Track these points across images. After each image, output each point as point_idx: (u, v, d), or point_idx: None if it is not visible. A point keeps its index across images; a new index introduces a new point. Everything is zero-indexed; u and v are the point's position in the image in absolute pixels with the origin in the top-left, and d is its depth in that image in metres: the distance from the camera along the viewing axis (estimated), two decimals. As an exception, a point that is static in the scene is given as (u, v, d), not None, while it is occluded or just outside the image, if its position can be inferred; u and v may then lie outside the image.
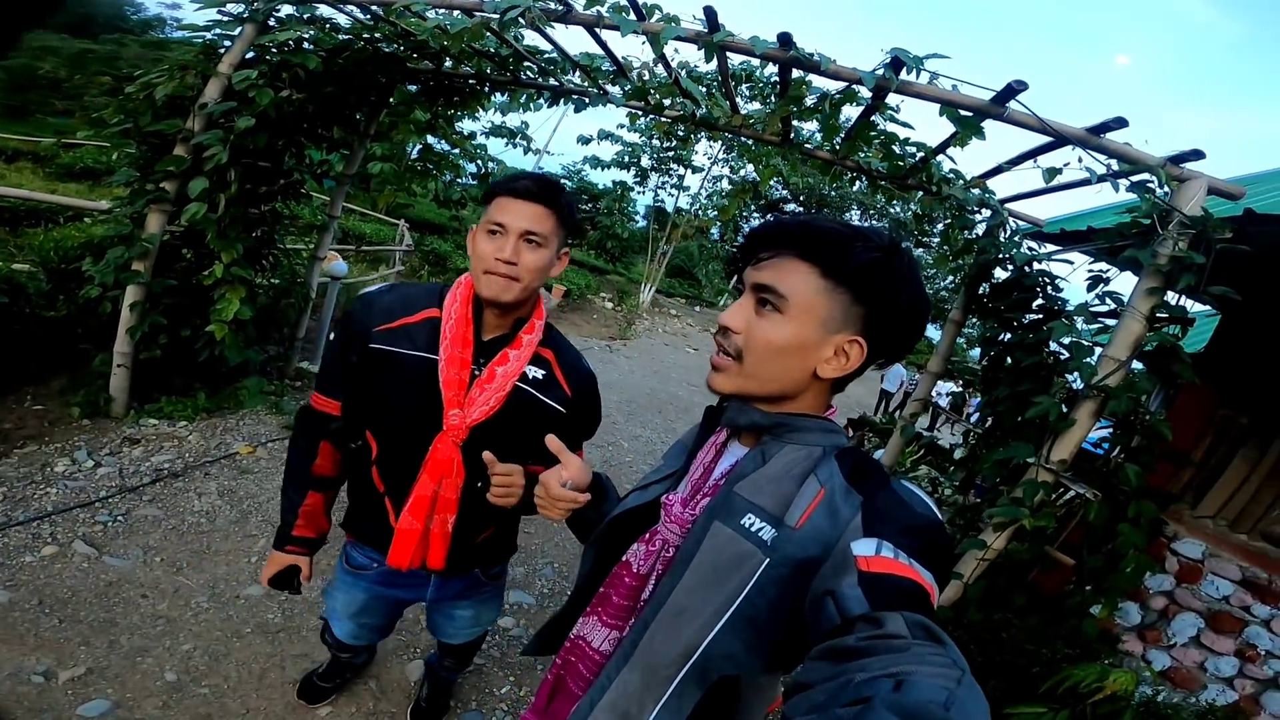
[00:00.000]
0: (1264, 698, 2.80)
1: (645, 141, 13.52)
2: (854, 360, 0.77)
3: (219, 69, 2.94)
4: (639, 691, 0.79)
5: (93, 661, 1.87)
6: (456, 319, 1.18)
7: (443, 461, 1.19)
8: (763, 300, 0.76)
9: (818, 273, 0.74)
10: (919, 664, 0.46)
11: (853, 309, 0.75)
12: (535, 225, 1.12)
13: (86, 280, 3.23)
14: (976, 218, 3.20)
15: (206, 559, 2.45)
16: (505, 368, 1.19)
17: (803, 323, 0.75)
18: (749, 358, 0.77)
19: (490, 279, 1.12)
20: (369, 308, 1.20)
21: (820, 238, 0.74)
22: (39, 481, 2.65)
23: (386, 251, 8.47)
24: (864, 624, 0.55)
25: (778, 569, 0.72)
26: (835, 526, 0.70)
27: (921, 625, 0.52)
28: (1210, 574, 3.09)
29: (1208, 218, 1.92)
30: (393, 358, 1.18)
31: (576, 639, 0.92)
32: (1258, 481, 3.13)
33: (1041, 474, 2.25)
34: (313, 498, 1.33)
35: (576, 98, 3.57)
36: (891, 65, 2.01)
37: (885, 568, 0.61)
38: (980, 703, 0.42)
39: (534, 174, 1.17)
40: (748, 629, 0.73)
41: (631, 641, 0.81)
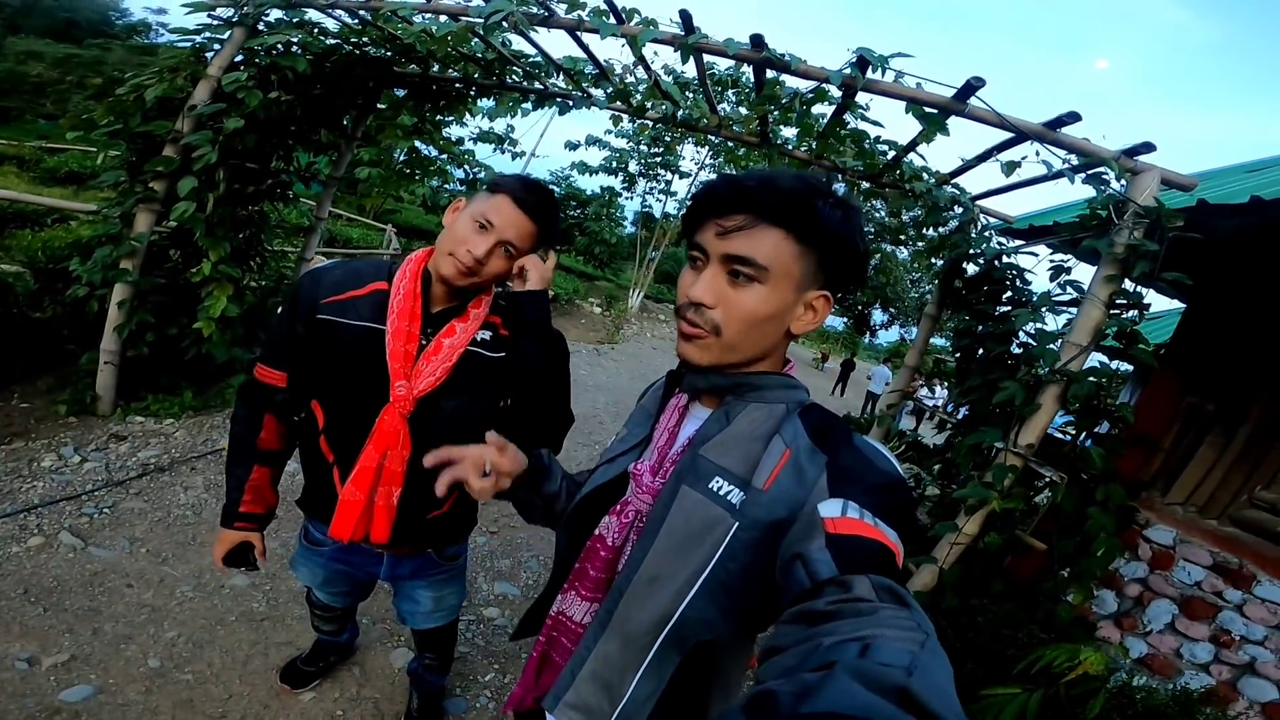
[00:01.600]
0: (1241, 683, 2.82)
1: (632, 147, 13.63)
2: (822, 313, 0.78)
3: (208, 71, 2.99)
4: (618, 660, 0.80)
5: (76, 649, 1.89)
6: (405, 293, 1.19)
7: (388, 433, 1.19)
8: (736, 272, 0.74)
9: (792, 238, 0.73)
10: (884, 628, 0.47)
11: (819, 267, 0.75)
12: (518, 239, 1.15)
13: (74, 280, 3.25)
14: (949, 214, 3.30)
15: (192, 550, 2.48)
16: (452, 340, 1.19)
17: (782, 289, 0.74)
18: (729, 330, 0.75)
19: (452, 262, 1.13)
20: (317, 281, 1.21)
21: (789, 201, 0.72)
22: (25, 476, 2.67)
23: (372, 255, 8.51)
24: (832, 587, 0.56)
25: (748, 532, 0.72)
26: (802, 487, 0.71)
27: (888, 588, 0.54)
28: (1182, 560, 3.12)
29: (1160, 207, 2.01)
30: (338, 328, 1.18)
31: (558, 615, 0.93)
32: (1225, 468, 3.20)
33: (1010, 458, 2.32)
34: (258, 472, 1.32)
35: (561, 100, 3.65)
36: (858, 64, 2.10)
37: (852, 529, 0.62)
38: (944, 665, 0.43)
39: (539, 185, 1.18)
40: (721, 593, 0.74)
41: (607, 611, 0.82)
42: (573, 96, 3.59)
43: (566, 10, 2.50)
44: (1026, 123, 2.15)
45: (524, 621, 1.03)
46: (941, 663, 0.43)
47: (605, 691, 0.81)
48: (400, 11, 2.78)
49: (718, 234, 0.74)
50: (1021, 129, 2.15)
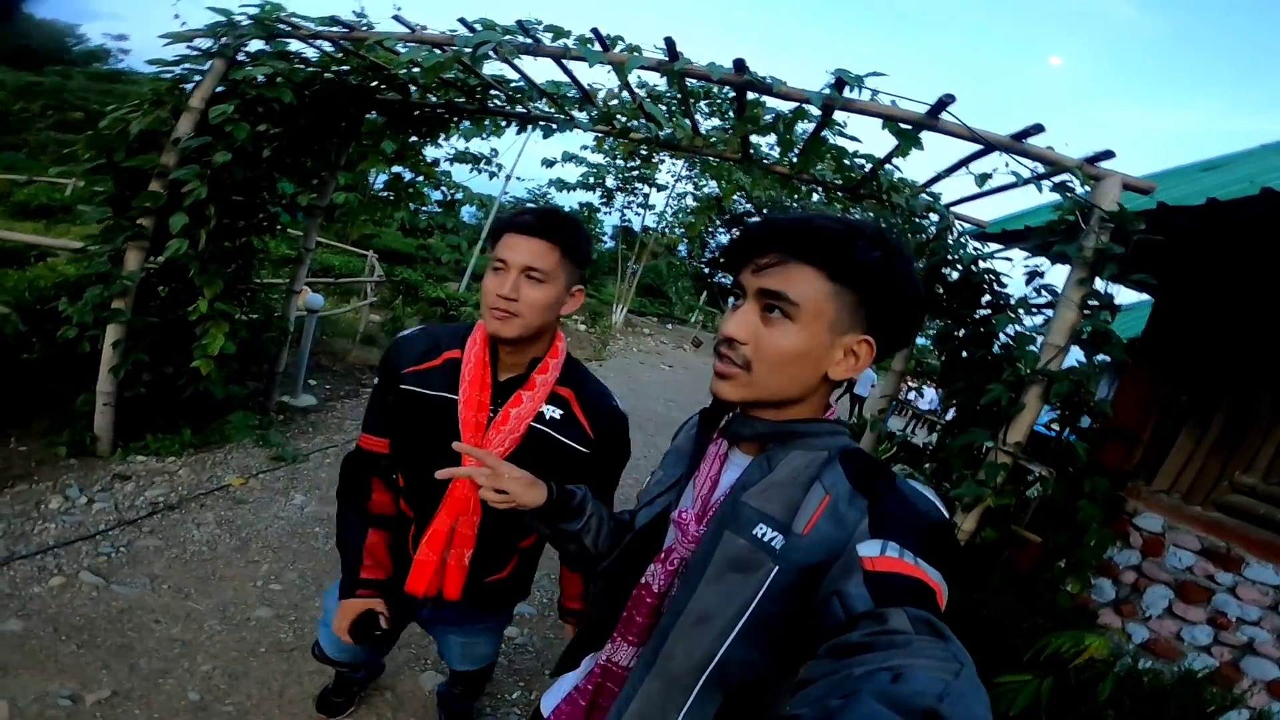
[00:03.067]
0: (1243, 663, 2.90)
1: (609, 162, 13.79)
2: (864, 360, 0.77)
3: (191, 103, 2.99)
4: (661, 699, 0.80)
5: (116, 684, 1.92)
6: (475, 360, 1.21)
7: (460, 500, 1.23)
8: (770, 307, 0.75)
9: (825, 276, 0.73)
10: (917, 658, 0.46)
11: (859, 309, 0.74)
12: (536, 261, 1.13)
13: (63, 320, 3.22)
14: (925, 222, 3.42)
15: (212, 585, 2.51)
16: (519, 409, 1.20)
17: (814, 329, 0.74)
18: (759, 367, 0.76)
19: (491, 315, 1.14)
20: (400, 350, 1.26)
21: (822, 239, 0.73)
22: (35, 518, 2.67)
23: (358, 283, 8.49)
24: (867, 620, 0.55)
25: (787, 576, 0.73)
26: (842, 531, 0.71)
27: (925, 620, 0.53)
28: (1172, 546, 3.21)
29: (1123, 212, 2.12)
30: (417, 398, 1.22)
31: (607, 663, 0.93)
32: (1203, 455, 3.31)
33: (1000, 456, 2.41)
34: (374, 535, 1.35)
35: (544, 124, 3.72)
36: (835, 85, 2.20)
37: (890, 567, 0.62)
38: (979, 695, 0.42)
39: (538, 209, 1.19)
40: (763, 635, 0.75)
41: (652, 650, 0.83)
42: (556, 119, 3.67)
43: (552, 39, 2.58)
44: (995, 135, 2.26)
45: (562, 661, 1.03)
46: (978, 693, 0.42)
47: None
48: (385, 42, 2.83)
49: (753, 271, 0.76)
50: (990, 141, 2.26)
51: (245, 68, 3.00)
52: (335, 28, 3.00)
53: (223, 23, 3.05)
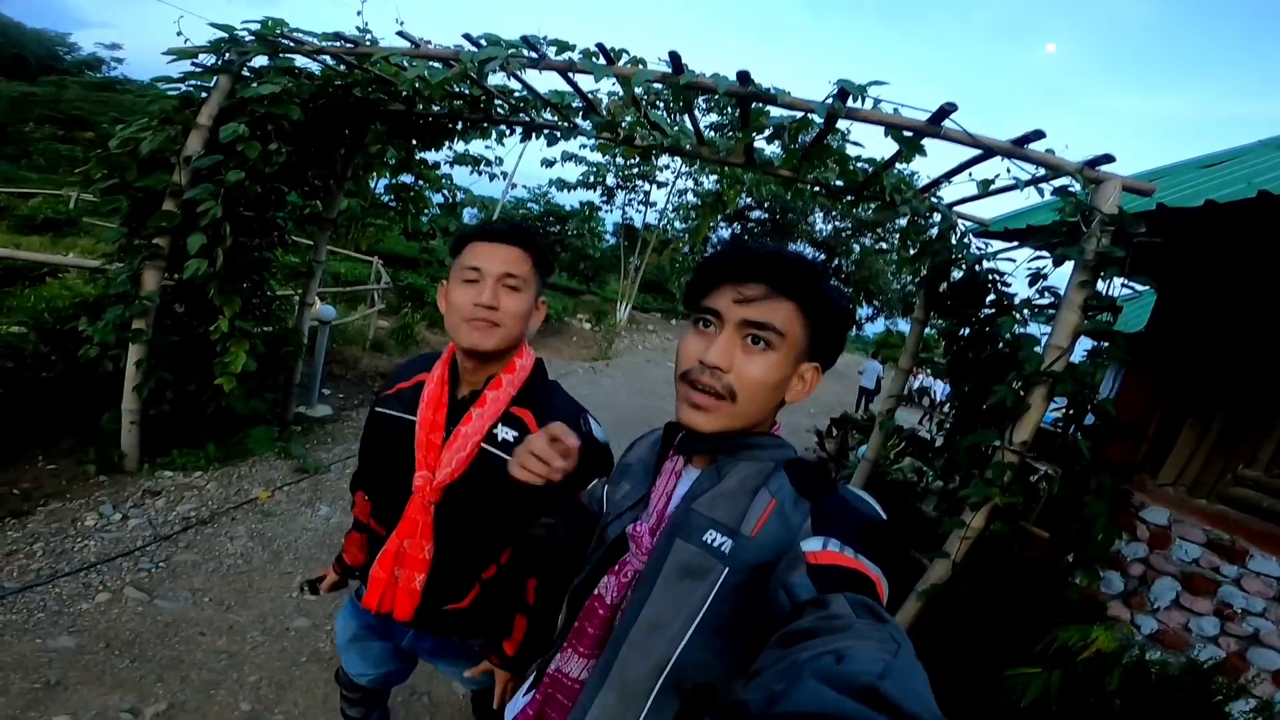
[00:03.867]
0: (1249, 654, 2.93)
1: (609, 161, 13.81)
2: (811, 384, 0.83)
3: (199, 121, 3.03)
4: (618, 709, 0.81)
5: (171, 697, 1.99)
6: (435, 379, 1.19)
7: (409, 521, 1.18)
8: (755, 338, 0.77)
9: (800, 310, 0.78)
10: (858, 639, 0.48)
11: (814, 340, 0.80)
12: (513, 268, 1.10)
13: (83, 340, 3.28)
14: (928, 222, 3.46)
15: (251, 597, 2.59)
16: (468, 428, 1.14)
17: (789, 358, 0.79)
18: (743, 396, 0.78)
19: (469, 327, 1.09)
20: (392, 375, 1.28)
21: (802, 277, 0.78)
22: (73, 535, 2.75)
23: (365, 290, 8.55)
24: (811, 608, 0.57)
25: (737, 576, 0.75)
26: (787, 532, 0.75)
27: (864, 605, 0.55)
28: (1178, 539, 3.24)
29: (1124, 215, 2.16)
30: (383, 420, 1.23)
31: (555, 673, 0.94)
32: (1207, 449, 3.34)
33: (1007, 455, 2.46)
34: (353, 534, 1.42)
35: (548, 132, 3.77)
36: (839, 95, 2.24)
37: (832, 560, 0.66)
38: (919, 672, 0.44)
39: (505, 220, 1.22)
40: (715, 637, 0.77)
41: (606, 662, 0.84)
42: (560, 128, 3.71)
43: (556, 53, 2.62)
44: (996, 141, 2.30)
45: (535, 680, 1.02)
46: (916, 670, 0.44)
47: None
48: (391, 58, 2.87)
49: (736, 300, 0.77)
50: (992, 147, 2.30)
51: (252, 85, 3.03)
52: (339, 43, 3.05)
53: (225, 39, 3.10)
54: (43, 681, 1.96)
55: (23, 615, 2.23)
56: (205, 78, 3.11)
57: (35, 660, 2.03)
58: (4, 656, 2.03)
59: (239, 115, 2.99)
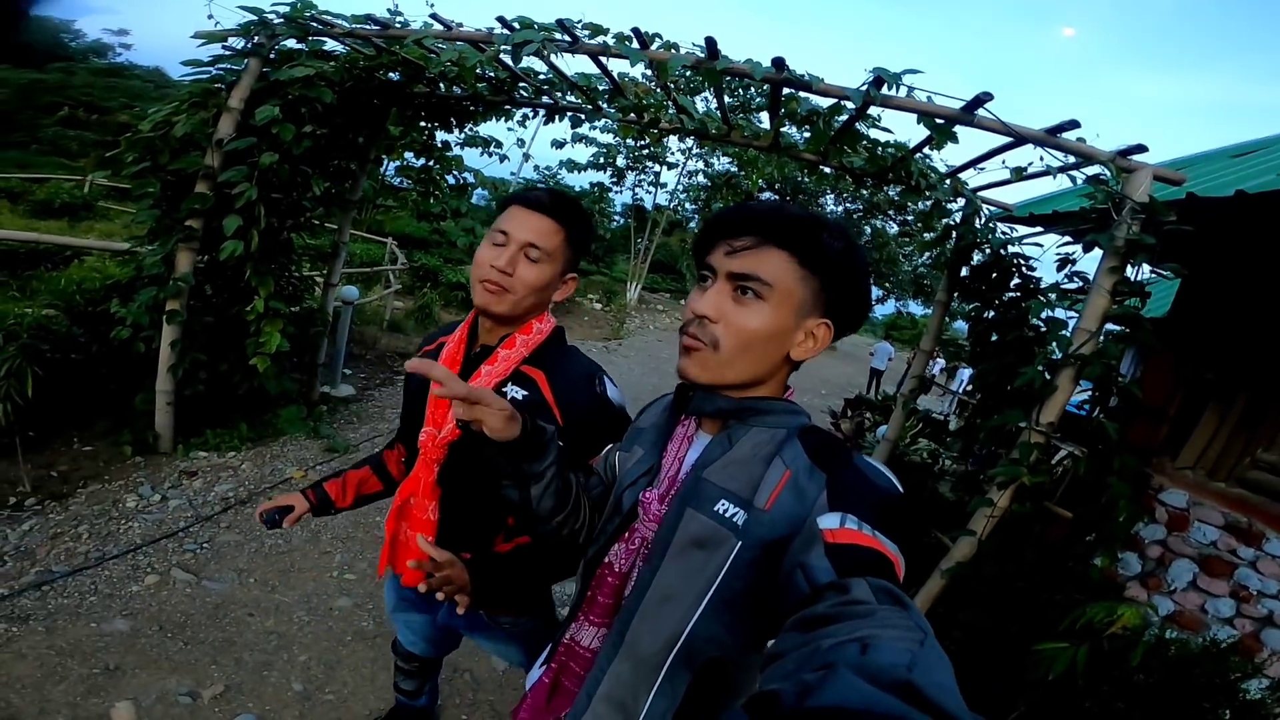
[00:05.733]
0: (1263, 635, 3.00)
1: (620, 141, 13.70)
2: (822, 341, 0.81)
3: (230, 103, 3.06)
4: (631, 680, 0.82)
5: (226, 679, 2.03)
6: (455, 339, 1.19)
7: (414, 477, 1.18)
8: (742, 288, 0.77)
9: (796, 261, 0.76)
10: (883, 628, 0.47)
11: (821, 294, 0.78)
12: (539, 239, 1.08)
13: (115, 322, 3.33)
14: (953, 206, 3.46)
15: (294, 577, 2.64)
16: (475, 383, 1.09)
17: (783, 309, 0.77)
18: (727, 345, 0.78)
19: (481, 287, 1.09)
20: (424, 341, 1.33)
21: (795, 226, 0.77)
22: (116, 517, 2.80)
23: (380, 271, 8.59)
24: (831, 591, 0.56)
25: (750, 551, 0.74)
26: (802, 505, 0.73)
27: (885, 590, 0.54)
28: (1197, 521, 3.30)
29: (1155, 203, 2.17)
30: (410, 381, 1.27)
31: (569, 642, 0.95)
32: (1228, 432, 3.38)
33: (1033, 436, 2.49)
34: (363, 471, 1.39)
35: (573, 115, 3.77)
36: (874, 82, 2.24)
37: (850, 539, 0.64)
38: (944, 662, 0.44)
39: (550, 188, 1.19)
40: (727, 611, 0.76)
41: (618, 633, 0.84)
42: (584, 110, 3.71)
43: (590, 36, 2.62)
44: (1029, 130, 2.30)
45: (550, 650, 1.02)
46: (941, 660, 0.44)
47: (621, 711, 0.83)
48: (424, 41, 2.88)
49: (726, 253, 0.78)
50: (1026, 136, 2.30)
51: (284, 68, 3.04)
52: (370, 25, 3.05)
53: (255, 21, 3.10)
54: (101, 667, 1.97)
55: (74, 599, 2.25)
56: (235, 61, 3.11)
57: (92, 645, 2.05)
58: (60, 642, 2.04)
59: (270, 98, 3.00)
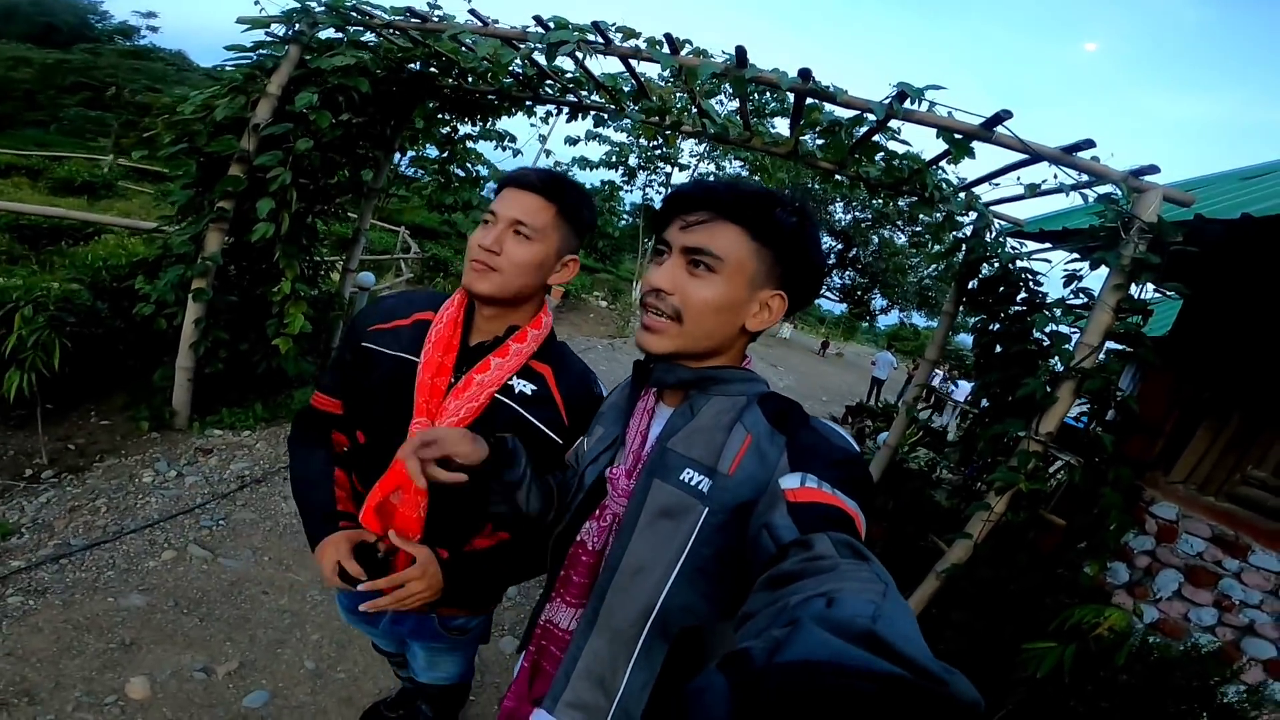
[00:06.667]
0: (1244, 643, 3.11)
1: (632, 141, 13.80)
2: (776, 313, 0.83)
3: (268, 89, 3.14)
4: (609, 655, 0.83)
5: (241, 656, 2.06)
6: (446, 321, 1.10)
7: (400, 472, 1.04)
8: (695, 261, 0.80)
9: (748, 235, 0.79)
10: (846, 581, 0.48)
11: (775, 267, 0.81)
12: (527, 216, 1.04)
13: (139, 298, 3.41)
14: (964, 219, 3.54)
15: (307, 556, 2.65)
16: (484, 375, 1.07)
17: (735, 281, 0.79)
18: (688, 317, 0.80)
19: (470, 267, 1.05)
20: (372, 309, 1.18)
21: (748, 202, 0.79)
22: (133, 492, 2.84)
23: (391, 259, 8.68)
24: (796, 548, 0.57)
25: (717, 516, 0.76)
26: (765, 468, 0.75)
27: (847, 543, 0.55)
28: (1185, 533, 3.41)
29: (1162, 224, 2.26)
30: (374, 356, 1.12)
31: (545, 624, 0.95)
32: (1220, 448, 3.49)
33: (1032, 445, 2.58)
34: (340, 473, 1.20)
35: (596, 114, 3.85)
36: (897, 97, 2.33)
37: (810, 497, 0.66)
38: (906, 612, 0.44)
39: (543, 168, 1.11)
40: (700, 578, 0.78)
41: (593, 609, 0.85)
42: (607, 109, 3.79)
43: (622, 39, 2.71)
44: (1045, 148, 2.39)
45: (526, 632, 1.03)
46: (904, 610, 0.45)
47: (600, 687, 0.84)
48: (461, 37, 2.96)
49: (681, 228, 0.81)
50: (1042, 154, 2.39)
51: (323, 57, 3.12)
52: (409, 18, 3.13)
53: (297, 9, 3.19)
54: (118, 641, 1.98)
55: (91, 573, 2.26)
56: (275, 47, 3.20)
57: (109, 620, 2.06)
58: (77, 616, 2.04)
59: (307, 85, 3.09)
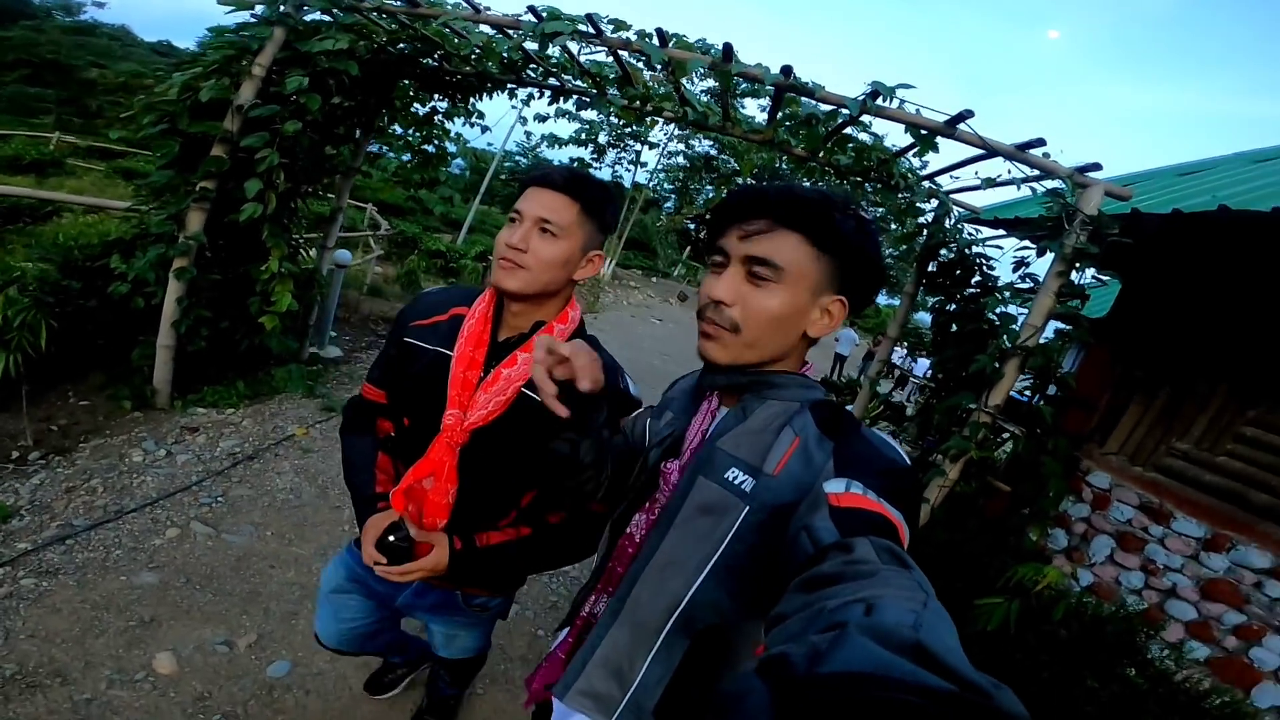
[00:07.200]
0: (1167, 605, 3.41)
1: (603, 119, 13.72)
2: (837, 318, 0.82)
3: (253, 71, 3.13)
4: (629, 647, 0.83)
5: (258, 628, 2.12)
6: (477, 317, 1.15)
7: (433, 460, 1.13)
8: (756, 273, 0.78)
9: (809, 242, 0.77)
10: (886, 588, 0.46)
11: (835, 272, 0.79)
12: (552, 215, 1.07)
13: (114, 277, 3.37)
14: (926, 206, 3.78)
15: (308, 530, 2.73)
16: (511, 370, 1.11)
17: (797, 290, 0.78)
18: (748, 328, 0.79)
19: (498, 265, 1.09)
20: (416, 304, 1.24)
21: (807, 208, 0.78)
22: (126, 471, 2.84)
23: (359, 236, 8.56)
24: (835, 551, 0.56)
25: (757, 515, 0.76)
26: (810, 471, 0.74)
27: (888, 550, 0.54)
28: (1116, 501, 3.73)
29: (1101, 217, 2.50)
30: (414, 350, 1.18)
31: (587, 615, 0.95)
32: (1149, 423, 3.84)
33: (982, 416, 2.84)
34: (384, 457, 1.30)
35: (578, 98, 3.92)
36: (871, 94, 2.51)
37: (854, 502, 0.64)
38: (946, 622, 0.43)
39: (566, 166, 1.15)
40: (730, 577, 0.77)
41: (619, 599, 0.85)
42: (589, 94, 3.87)
43: (613, 31, 2.80)
44: (1002, 144, 2.61)
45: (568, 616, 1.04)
46: (945, 619, 0.43)
47: (615, 678, 0.83)
48: (453, 23, 3.00)
49: (740, 238, 0.80)
50: (998, 150, 2.61)
51: (313, 40, 3.11)
52: (398, 2, 3.15)
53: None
54: (137, 619, 2.02)
55: (100, 553, 2.29)
56: (260, 29, 3.17)
57: (125, 598, 2.10)
58: (93, 595, 2.08)
59: (294, 67, 3.08)
